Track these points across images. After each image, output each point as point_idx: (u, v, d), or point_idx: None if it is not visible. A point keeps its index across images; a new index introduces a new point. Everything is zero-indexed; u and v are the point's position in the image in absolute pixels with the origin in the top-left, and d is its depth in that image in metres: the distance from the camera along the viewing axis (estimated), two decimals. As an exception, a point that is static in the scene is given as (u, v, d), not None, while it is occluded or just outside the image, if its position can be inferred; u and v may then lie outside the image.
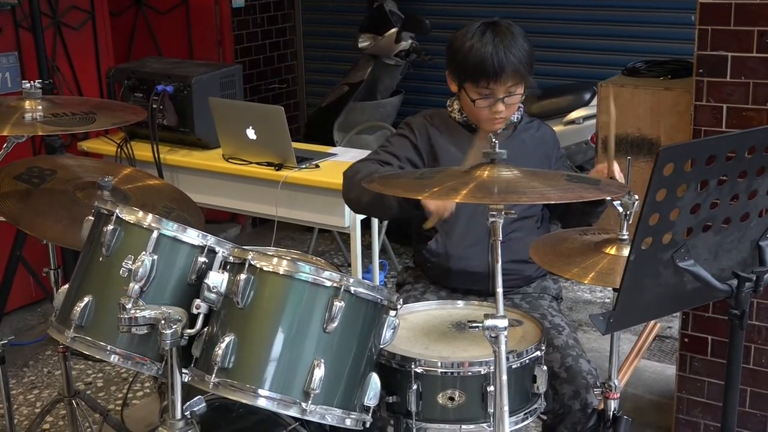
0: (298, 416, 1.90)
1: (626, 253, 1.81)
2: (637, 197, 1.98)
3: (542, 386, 2.09)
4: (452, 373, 2.00)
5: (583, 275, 1.96)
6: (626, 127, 3.50)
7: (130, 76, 4.00)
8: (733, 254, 1.88)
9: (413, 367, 2.00)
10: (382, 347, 2.02)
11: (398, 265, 4.83)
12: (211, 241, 1.99)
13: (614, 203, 2.06)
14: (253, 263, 1.89)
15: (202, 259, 1.98)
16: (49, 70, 4.14)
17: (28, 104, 2.49)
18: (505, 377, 1.82)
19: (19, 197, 2.46)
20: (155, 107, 3.83)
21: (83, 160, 2.85)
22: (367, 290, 1.93)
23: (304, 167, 3.58)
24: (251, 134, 3.58)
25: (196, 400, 1.94)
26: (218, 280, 1.91)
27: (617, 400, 2.12)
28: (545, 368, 2.09)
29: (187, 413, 1.93)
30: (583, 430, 2.19)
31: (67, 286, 2.10)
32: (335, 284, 1.89)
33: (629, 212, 2.02)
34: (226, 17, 5.35)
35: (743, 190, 1.82)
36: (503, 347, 1.82)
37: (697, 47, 2.73)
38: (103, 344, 1.97)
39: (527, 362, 2.06)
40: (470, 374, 2.00)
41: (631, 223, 1.99)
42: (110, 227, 1.99)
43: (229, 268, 1.94)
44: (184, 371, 1.92)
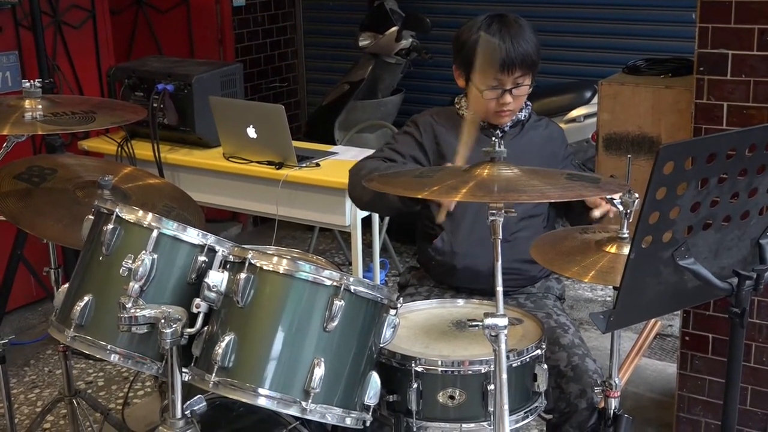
0: (298, 415, 1.90)
1: (626, 251, 1.81)
2: (637, 196, 1.98)
3: (543, 385, 2.08)
4: (452, 371, 2.00)
5: (583, 274, 1.96)
6: (627, 125, 3.50)
7: (130, 75, 3.99)
8: (733, 252, 1.88)
9: (413, 365, 2.00)
10: (382, 346, 2.01)
11: (399, 263, 4.83)
12: (211, 240, 1.99)
13: (614, 202, 2.06)
14: (253, 262, 1.89)
15: (202, 258, 1.98)
16: (49, 69, 4.14)
17: (28, 103, 2.48)
18: (505, 376, 1.81)
19: (19, 196, 2.45)
20: (156, 106, 3.83)
21: (83, 159, 2.85)
22: (367, 289, 1.93)
23: (304, 166, 3.58)
24: (252, 133, 3.58)
25: (196, 399, 1.94)
26: (218, 279, 1.90)
27: (618, 398, 2.12)
28: (546, 367, 2.08)
29: (187, 412, 1.93)
30: (584, 428, 2.19)
31: (67, 285, 2.10)
32: (335, 283, 1.89)
33: (629, 211, 2.02)
34: (226, 16, 5.35)
35: (743, 188, 1.81)
36: (503, 346, 1.81)
37: (697, 45, 2.73)
38: (103, 343, 1.97)
39: (527, 361, 2.06)
40: (470, 373, 2.00)
41: (631, 221, 1.98)
42: (110, 226, 1.99)
43: (229, 267, 1.94)
44: (184, 370, 1.92)
